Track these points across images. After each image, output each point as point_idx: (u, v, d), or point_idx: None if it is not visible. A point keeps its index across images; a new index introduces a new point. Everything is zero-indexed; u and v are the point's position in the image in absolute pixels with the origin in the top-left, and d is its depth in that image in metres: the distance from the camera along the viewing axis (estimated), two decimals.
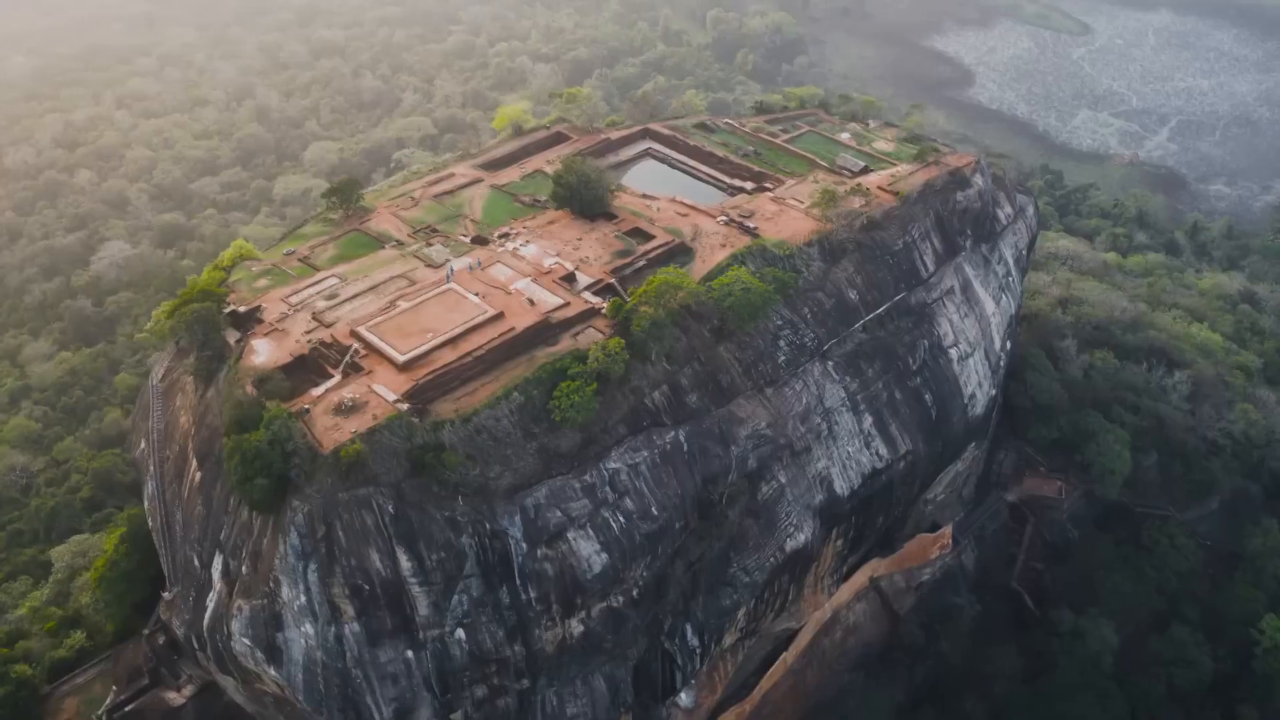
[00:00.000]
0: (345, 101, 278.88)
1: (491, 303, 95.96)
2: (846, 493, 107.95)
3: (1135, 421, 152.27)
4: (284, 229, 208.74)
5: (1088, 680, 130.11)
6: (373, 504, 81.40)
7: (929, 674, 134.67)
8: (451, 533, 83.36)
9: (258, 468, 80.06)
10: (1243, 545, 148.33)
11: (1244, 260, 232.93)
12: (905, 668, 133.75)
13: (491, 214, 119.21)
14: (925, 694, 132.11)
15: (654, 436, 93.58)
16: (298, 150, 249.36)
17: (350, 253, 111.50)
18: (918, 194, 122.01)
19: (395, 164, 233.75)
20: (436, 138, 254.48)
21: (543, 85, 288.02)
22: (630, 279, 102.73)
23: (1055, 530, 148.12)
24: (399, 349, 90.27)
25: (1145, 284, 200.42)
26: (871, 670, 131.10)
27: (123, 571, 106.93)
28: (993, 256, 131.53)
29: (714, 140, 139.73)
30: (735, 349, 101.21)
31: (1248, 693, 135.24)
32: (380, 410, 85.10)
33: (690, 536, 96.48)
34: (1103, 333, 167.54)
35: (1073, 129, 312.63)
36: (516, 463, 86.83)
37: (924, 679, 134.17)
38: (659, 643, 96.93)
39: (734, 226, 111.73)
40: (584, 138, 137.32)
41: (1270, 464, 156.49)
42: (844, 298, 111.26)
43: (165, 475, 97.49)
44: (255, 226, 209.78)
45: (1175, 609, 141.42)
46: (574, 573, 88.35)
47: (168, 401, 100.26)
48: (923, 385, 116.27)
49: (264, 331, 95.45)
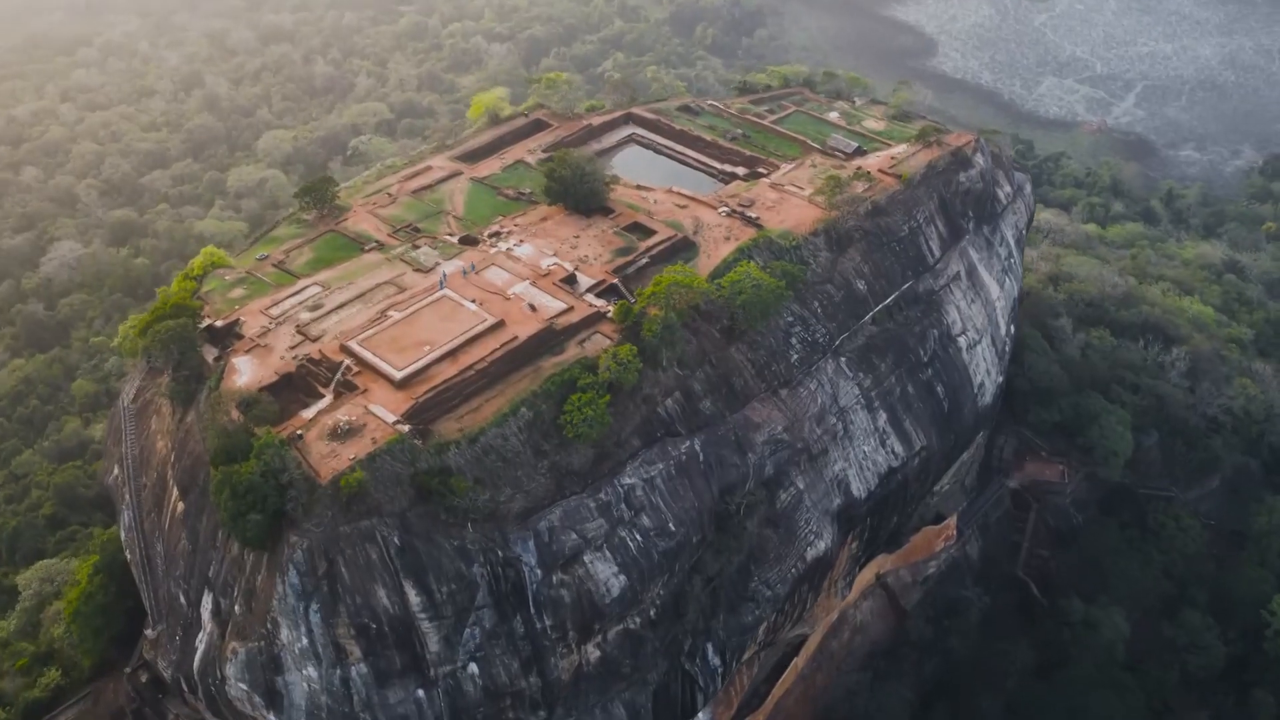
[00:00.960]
0: (297, 88, 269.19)
1: (490, 310, 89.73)
2: (864, 494, 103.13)
3: (1135, 401, 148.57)
4: (240, 221, 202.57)
5: (1103, 672, 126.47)
6: (377, 536, 75.33)
7: (937, 670, 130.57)
8: (462, 563, 77.48)
9: (250, 502, 73.67)
10: (1246, 523, 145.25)
11: (1221, 228, 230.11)
12: (913, 664, 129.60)
13: (475, 209, 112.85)
14: (936, 690, 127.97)
15: (669, 447, 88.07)
16: (250, 140, 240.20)
17: (328, 256, 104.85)
18: (920, 176, 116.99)
19: (352, 152, 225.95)
20: (394, 122, 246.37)
21: (499, 66, 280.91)
22: (633, 278, 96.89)
23: (1059, 516, 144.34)
24: (395, 364, 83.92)
25: (1129, 255, 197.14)
26: (879, 669, 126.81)
27: (98, 605, 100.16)
28: (994, 238, 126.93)
29: (699, 124, 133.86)
30: (747, 349, 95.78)
31: (1259, 675, 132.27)
32: (379, 433, 78.84)
33: (708, 551, 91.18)
34: (1096, 310, 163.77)
35: (1038, 97, 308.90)
36: (528, 484, 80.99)
37: (932, 675, 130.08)
38: (679, 664, 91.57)
39: (736, 218, 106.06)
40: (564, 125, 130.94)
41: (1270, 439, 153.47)
42: (853, 289, 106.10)
43: (143, 504, 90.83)
44: (211, 221, 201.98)
45: (1183, 592, 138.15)
46: (592, 597, 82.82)
47: (141, 424, 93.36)
48: (934, 377, 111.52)
49: (245, 348, 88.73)
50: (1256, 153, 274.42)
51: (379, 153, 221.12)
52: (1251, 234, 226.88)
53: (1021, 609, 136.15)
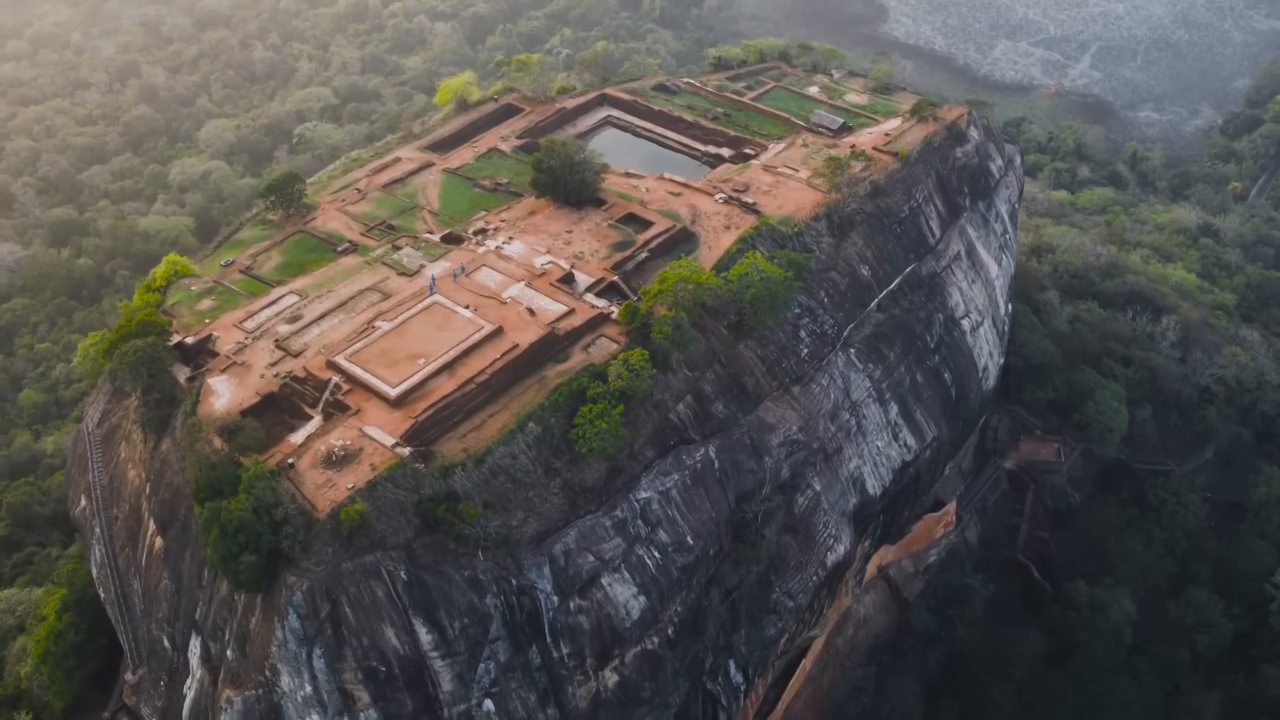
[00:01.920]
0: (237, 75, 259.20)
1: (486, 316, 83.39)
2: (878, 492, 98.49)
3: (1128, 374, 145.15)
4: (186, 215, 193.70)
5: (1112, 656, 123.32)
6: (382, 572, 69.21)
7: (942, 661, 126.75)
8: (474, 594, 71.61)
9: (242, 542, 67.20)
10: (1243, 495, 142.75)
11: (1188, 190, 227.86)
12: (918, 656, 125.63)
13: (451, 203, 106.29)
14: (943, 682, 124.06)
15: (683, 456, 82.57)
16: (191, 130, 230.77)
17: (298, 259, 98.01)
18: (918, 153, 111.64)
19: (298, 139, 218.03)
20: (339, 108, 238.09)
21: (444, 45, 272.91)
22: (634, 274, 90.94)
23: (1056, 495, 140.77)
24: (389, 381, 77.47)
25: (1103, 222, 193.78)
26: (883, 663, 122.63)
27: (70, 644, 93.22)
28: (990, 214, 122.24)
29: (677, 103, 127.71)
30: (756, 346, 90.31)
31: (1266, 650, 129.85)
32: (378, 458, 72.52)
33: (725, 563, 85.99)
34: (1081, 281, 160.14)
35: (993, 61, 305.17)
36: (540, 505, 75.12)
37: (938, 666, 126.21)
38: (700, 684, 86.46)
39: (735, 205, 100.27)
40: (537, 109, 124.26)
41: (1262, 408, 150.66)
42: (857, 275, 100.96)
43: (115, 539, 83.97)
44: (155, 217, 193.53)
45: (1187, 569, 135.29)
46: (611, 622, 77.40)
47: (109, 451, 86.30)
48: (941, 364, 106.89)
49: (221, 367, 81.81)
50: (1215, 111, 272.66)
51: (325, 139, 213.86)
52: (1219, 195, 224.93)
53: (1025, 594, 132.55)
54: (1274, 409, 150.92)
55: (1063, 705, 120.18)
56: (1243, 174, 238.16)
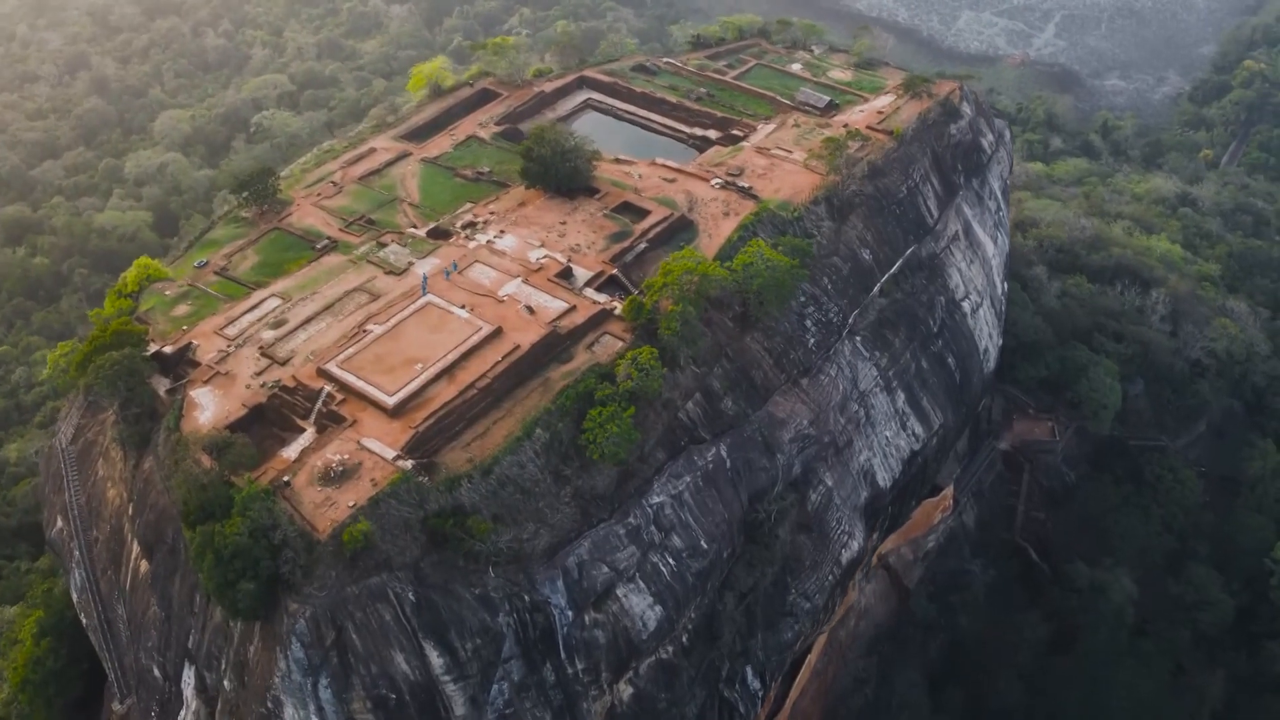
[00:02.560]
0: (189, 64, 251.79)
1: (483, 315, 79.11)
2: (889, 483, 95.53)
3: (1119, 349, 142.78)
4: (144, 210, 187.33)
5: (1116, 640, 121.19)
6: (389, 594, 65.16)
7: (944, 648, 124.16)
8: (486, 613, 67.78)
9: (239, 569, 62.88)
10: (1238, 469, 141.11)
11: (1161, 158, 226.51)
12: (919, 645, 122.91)
13: (432, 195, 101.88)
14: (945, 671, 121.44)
15: (694, 456, 78.99)
16: (145, 122, 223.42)
17: (275, 258, 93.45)
18: (913, 131, 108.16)
19: (256, 128, 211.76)
20: (296, 95, 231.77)
21: (401, 28, 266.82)
22: (633, 267, 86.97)
23: (1051, 475, 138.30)
24: (385, 389, 73.09)
25: (1081, 194, 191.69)
26: (885, 653, 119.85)
27: (50, 671, 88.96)
28: (984, 192, 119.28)
29: (658, 84, 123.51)
30: (763, 338, 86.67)
31: (1267, 625, 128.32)
32: (379, 473, 68.25)
33: (739, 565, 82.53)
34: (1067, 255, 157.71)
35: (958, 32, 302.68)
36: (551, 516, 71.23)
37: (939, 654, 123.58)
38: (717, 691, 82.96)
39: (732, 190, 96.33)
40: (515, 93, 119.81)
41: (1252, 379, 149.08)
42: (859, 260, 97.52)
43: (96, 562, 79.30)
44: (111, 213, 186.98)
45: (1185, 546, 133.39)
46: (628, 634, 73.92)
47: (86, 470, 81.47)
48: (945, 348, 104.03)
49: (203, 377, 77.14)
50: (1181, 78, 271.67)
51: (284, 128, 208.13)
52: (1191, 163, 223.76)
53: (1024, 577, 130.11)
54: (1264, 380, 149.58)
55: (1068, 691, 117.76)
56: (1214, 141, 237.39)
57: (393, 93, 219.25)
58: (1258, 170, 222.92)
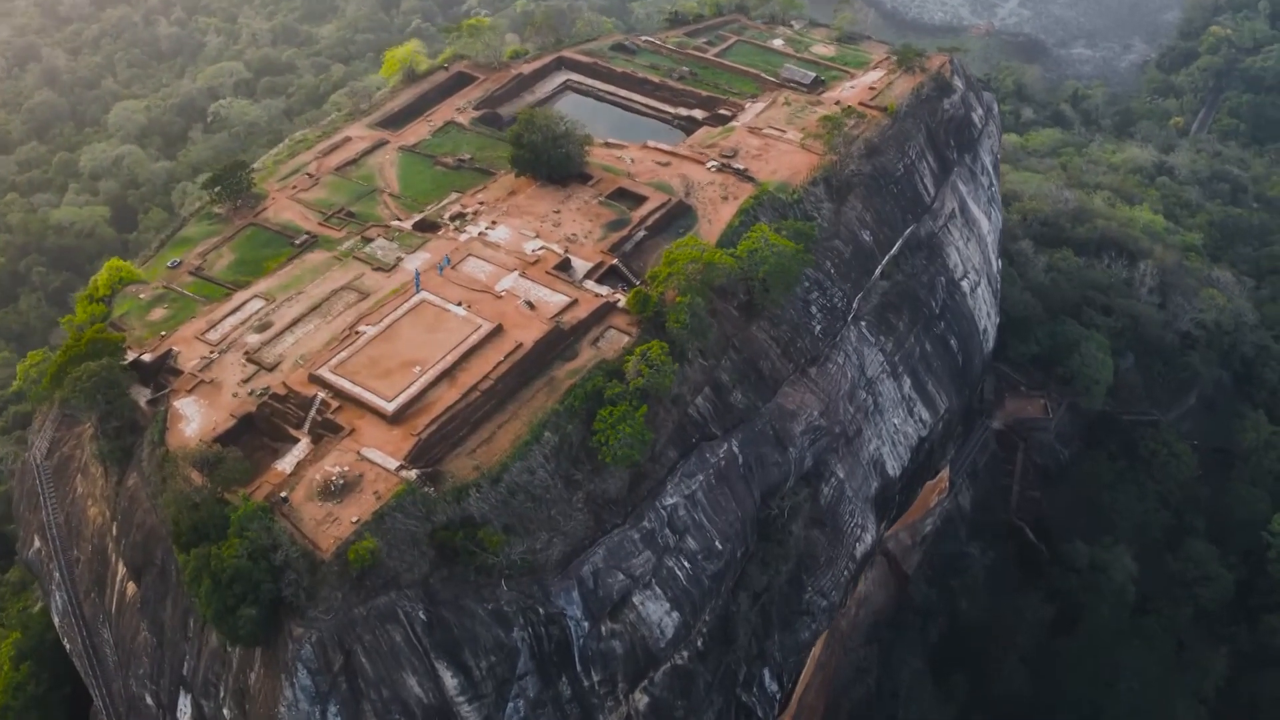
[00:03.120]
0: (142, 53, 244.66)
1: (482, 312, 75.16)
2: (898, 472, 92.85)
3: (1109, 323, 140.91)
4: (101, 205, 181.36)
5: (1119, 619, 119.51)
6: (399, 614, 61.51)
7: (944, 633, 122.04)
8: (500, 629, 64.27)
9: (239, 593, 58.92)
10: (1229, 440, 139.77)
11: (1132, 127, 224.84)
12: (918, 630, 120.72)
13: (412, 184, 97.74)
14: (947, 657, 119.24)
15: (706, 454, 75.61)
16: (99, 114, 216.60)
17: (252, 255, 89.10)
18: (907, 107, 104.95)
19: (213, 118, 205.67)
20: (253, 82, 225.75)
21: (357, 11, 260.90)
22: (632, 256, 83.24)
23: (1045, 453, 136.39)
24: (383, 394, 69.11)
25: (1058, 165, 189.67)
26: (885, 640, 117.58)
27: (31, 697, 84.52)
28: (976, 167, 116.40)
29: (639, 63, 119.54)
30: (769, 326, 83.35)
31: (1265, 599, 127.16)
32: (382, 485, 64.38)
33: (752, 564, 79.38)
34: (1052, 229, 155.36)
35: (921, 2, 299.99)
36: (564, 524, 67.68)
37: (939, 639, 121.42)
38: (735, 696, 79.88)
39: (729, 173, 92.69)
40: (491, 76, 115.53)
41: (1241, 350, 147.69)
42: (860, 241, 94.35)
43: (78, 584, 75.12)
44: (68, 208, 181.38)
45: (1182, 521, 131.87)
46: (646, 644, 70.74)
47: (63, 486, 77.05)
48: (947, 330, 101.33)
49: (187, 386, 72.84)
50: (1147, 45, 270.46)
51: (241, 116, 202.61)
52: (1163, 131, 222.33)
53: (1022, 558, 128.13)
54: (1253, 350, 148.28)
55: (1072, 673, 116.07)
56: (1184, 108, 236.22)
57: (352, 77, 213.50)
58: (1229, 137, 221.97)
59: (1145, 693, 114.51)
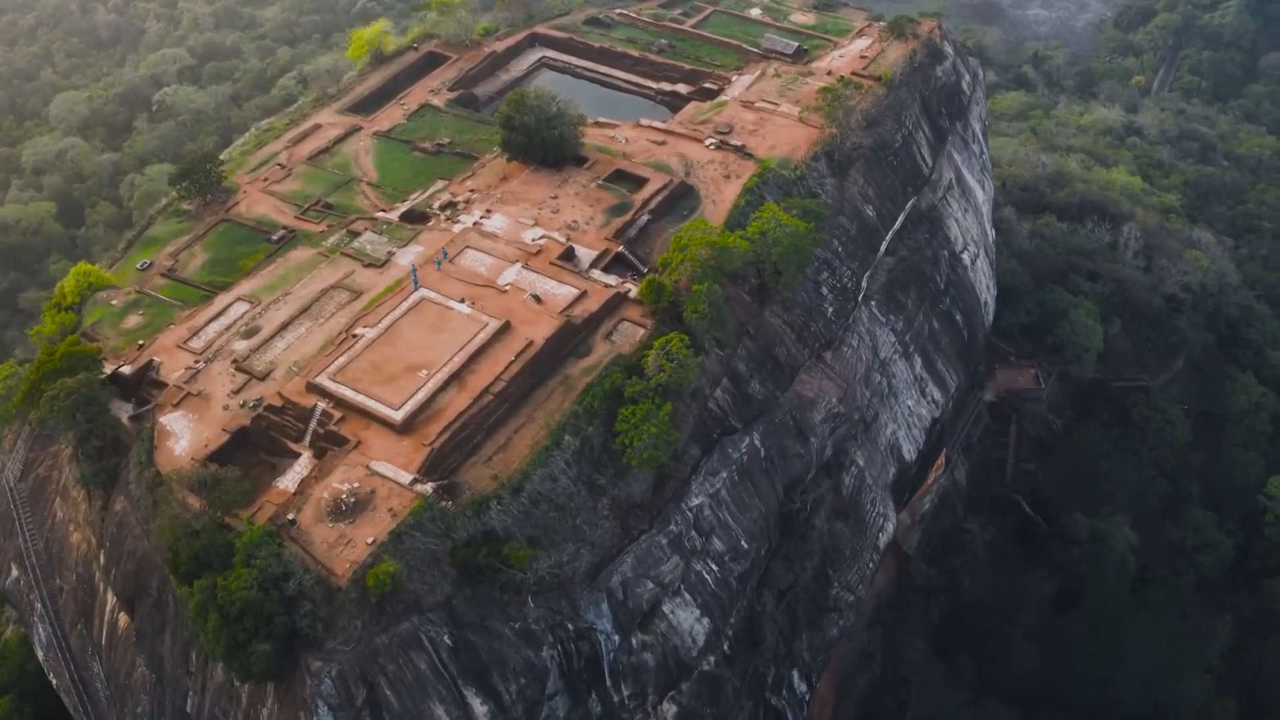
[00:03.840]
0: (81, 42, 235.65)
1: (486, 309, 70.54)
2: (913, 456, 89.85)
3: (1096, 289, 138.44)
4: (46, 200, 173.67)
5: (1122, 591, 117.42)
6: (423, 640, 57.21)
7: (946, 613, 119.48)
8: (529, 649, 60.17)
9: (251, 628, 54.31)
10: (1218, 404, 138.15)
11: (1094, 87, 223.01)
12: (921, 611, 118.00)
13: (391, 172, 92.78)
14: (952, 637, 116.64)
15: (728, 449, 71.69)
16: (39, 106, 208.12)
17: (227, 254, 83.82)
18: (901, 76, 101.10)
19: (158, 106, 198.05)
20: (197, 68, 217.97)
21: None
22: (638, 242, 78.83)
23: (1038, 424, 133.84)
24: (389, 402, 64.42)
25: (1026, 128, 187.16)
26: (888, 622, 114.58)
27: None
28: (967, 135, 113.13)
29: (615, 37, 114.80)
30: (782, 311, 79.37)
31: (1263, 563, 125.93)
32: (397, 501, 59.87)
33: (776, 560, 75.71)
34: (1032, 194, 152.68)
35: None
36: (591, 533, 63.50)
37: (942, 619, 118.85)
38: (764, 700, 76.25)
39: (729, 150, 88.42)
40: (464, 55, 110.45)
41: (1226, 311, 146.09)
42: (864, 217, 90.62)
43: (63, 617, 69.93)
44: (12, 206, 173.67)
45: (1178, 488, 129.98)
46: (678, 653, 67.00)
47: (41, 511, 71.73)
48: (952, 305, 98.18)
49: (172, 400, 67.68)
50: (1103, 4, 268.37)
51: (188, 104, 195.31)
52: (1126, 90, 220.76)
53: (1021, 533, 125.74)
54: (1237, 312, 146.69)
55: (1081, 648, 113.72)
56: (1144, 67, 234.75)
57: (300, 60, 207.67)
58: (1192, 94, 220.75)
59: (1156, 667, 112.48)
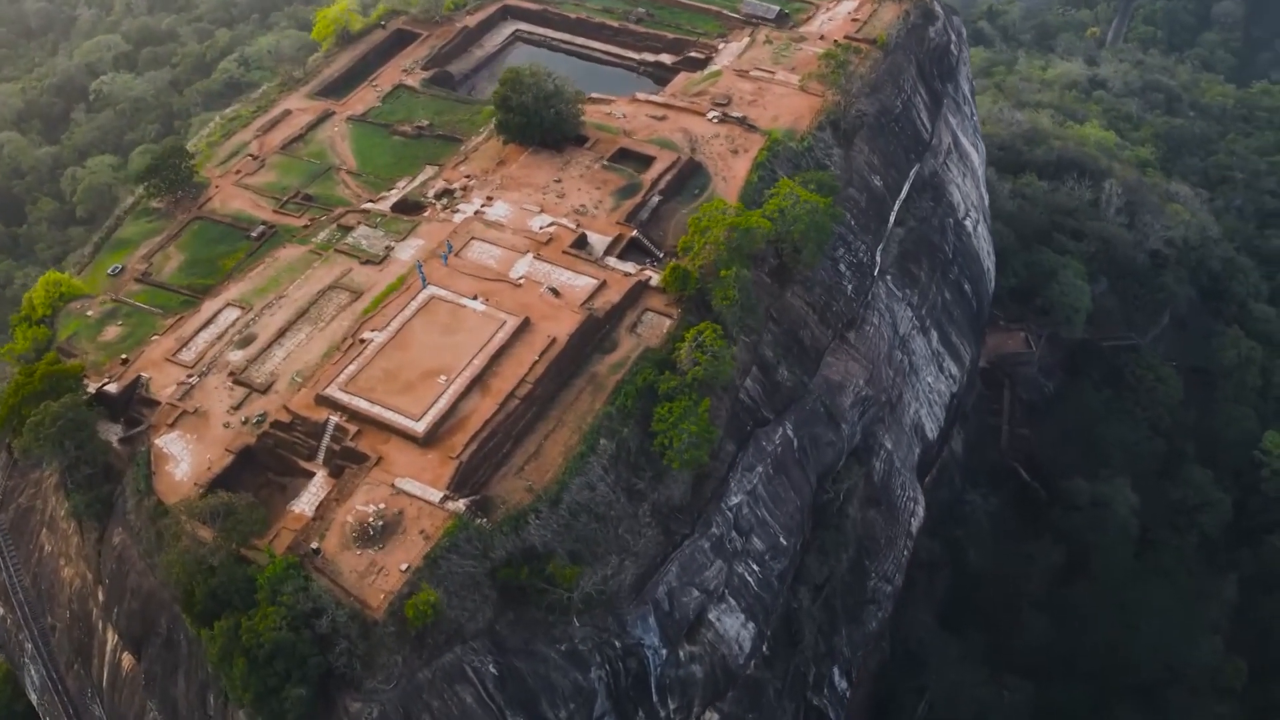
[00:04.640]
0: (10, 32, 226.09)
1: (502, 305, 65.78)
2: (935, 434, 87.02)
3: (1081, 248, 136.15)
4: None
5: (1124, 555, 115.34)
6: (467, 671, 52.90)
7: (951, 586, 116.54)
8: (577, 671, 56.06)
9: (283, 671, 49.66)
10: (1206, 359, 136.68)
11: (1052, 40, 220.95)
12: (925, 586, 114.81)
13: (371, 159, 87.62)
14: (959, 612, 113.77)
15: (762, 442, 67.82)
16: None
17: (204, 253, 78.46)
18: (897, 38, 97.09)
19: (95, 95, 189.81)
20: (133, 54, 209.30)
21: None
22: (650, 225, 74.32)
23: (1031, 387, 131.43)
24: (409, 412, 59.59)
25: (991, 84, 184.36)
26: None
27: None
28: (959, 97, 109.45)
29: (590, 7, 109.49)
30: (803, 291, 75.43)
31: (1260, 519, 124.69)
32: (428, 521, 55.27)
33: (810, 554, 72.07)
34: (1009, 153, 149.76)
35: None
36: (634, 543, 59.33)
37: (947, 593, 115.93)
38: (805, 700, 72.74)
39: (733, 123, 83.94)
40: (435, 32, 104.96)
41: (1209, 265, 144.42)
42: (872, 188, 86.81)
43: (58, 657, 64.51)
44: None
45: (1173, 446, 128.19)
46: (725, 662, 63.20)
47: (26, 545, 66.31)
48: (960, 274, 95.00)
49: (167, 420, 62.40)
50: None
51: (126, 91, 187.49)
52: (1082, 42, 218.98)
53: (1021, 500, 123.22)
54: (1220, 265, 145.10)
55: (1091, 616, 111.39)
56: (1098, 18, 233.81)
57: (240, 42, 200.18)
58: (1149, 45, 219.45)
59: (1167, 631, 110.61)
